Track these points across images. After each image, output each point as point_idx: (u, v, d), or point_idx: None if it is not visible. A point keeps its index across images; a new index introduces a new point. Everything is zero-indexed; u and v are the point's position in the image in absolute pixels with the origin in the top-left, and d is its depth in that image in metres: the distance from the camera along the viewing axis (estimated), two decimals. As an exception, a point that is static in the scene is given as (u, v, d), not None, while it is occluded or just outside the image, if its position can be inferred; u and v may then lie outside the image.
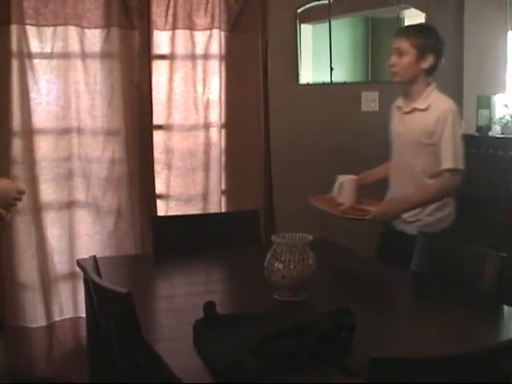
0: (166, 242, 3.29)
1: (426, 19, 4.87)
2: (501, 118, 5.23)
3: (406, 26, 3.39)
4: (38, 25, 3.71)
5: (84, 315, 3.36)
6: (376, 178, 3.54)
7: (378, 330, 2.33)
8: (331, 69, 4.53)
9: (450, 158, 3.15)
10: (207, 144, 4.15)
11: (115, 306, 2.29)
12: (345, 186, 3.30)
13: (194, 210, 4.13)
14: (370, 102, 4.71)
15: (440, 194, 3.21)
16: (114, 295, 2.25)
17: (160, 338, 2.30)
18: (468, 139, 4.62)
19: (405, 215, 3.29)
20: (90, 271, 2.48)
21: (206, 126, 4.14)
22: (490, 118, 5.29)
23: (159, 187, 4.09)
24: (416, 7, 4.88)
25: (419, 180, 3.26)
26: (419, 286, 2.94)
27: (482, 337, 2.31)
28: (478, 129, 5.21)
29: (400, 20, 4.96)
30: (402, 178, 3.34)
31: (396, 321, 2.50)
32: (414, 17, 4.94)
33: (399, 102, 3.40)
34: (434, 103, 3.23)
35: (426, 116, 3.21)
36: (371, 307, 2.58)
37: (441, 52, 3.30)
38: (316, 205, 3.26)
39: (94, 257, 2.64)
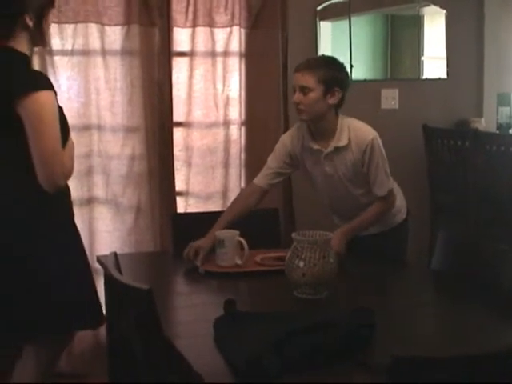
0: (186, 239, 3.28)
1: (446, 16, 4.86)
2: (521, 116, 5.21)
3: (308, 60, 3.18)
4: (58, 22, 3.73)
5: (104, 311, 3.37)
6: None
7: (399, 329, 2.32)
8: (351, 66, 4.52)
9: (381, 185, 3.12)
10: (227, 141, 4.16)
11: (136, 302, 2.29)
12: (235, 243, 2.99)
13: (214, 207, 4.13)
14: (389, 99, 4.69)
15: (381, 214, 3.19)
16: (135, 292, 2.25)
17: (180, 335, 2.30)
18: (488, 137, 4.63)
19: None
20: (110, 267, 2.49)
21: (226, 124, 4.15)
22: (511, 116, 5.26)
23: (179, 184, 4.10)
24: (436, 4, 4.86)
25: (361, 202, 3.21)
26: (440, 284, 2.92)
27: (503, 337, 2.30)
28: (499, 126, 5.19)
29: (420, 17, 4.95)
30: (343, 205, 3.28)
31: (416, 320, 2.49)
32: (434, 14, 4.93)
33: (310, 143, 3.14)
34: (353, 136, 3.09)
35: (350, 151, 3.10)
36: (391, 306, 2.57)
37: (347, 84, 3.15)
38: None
39: (115, 253, 2.64)
